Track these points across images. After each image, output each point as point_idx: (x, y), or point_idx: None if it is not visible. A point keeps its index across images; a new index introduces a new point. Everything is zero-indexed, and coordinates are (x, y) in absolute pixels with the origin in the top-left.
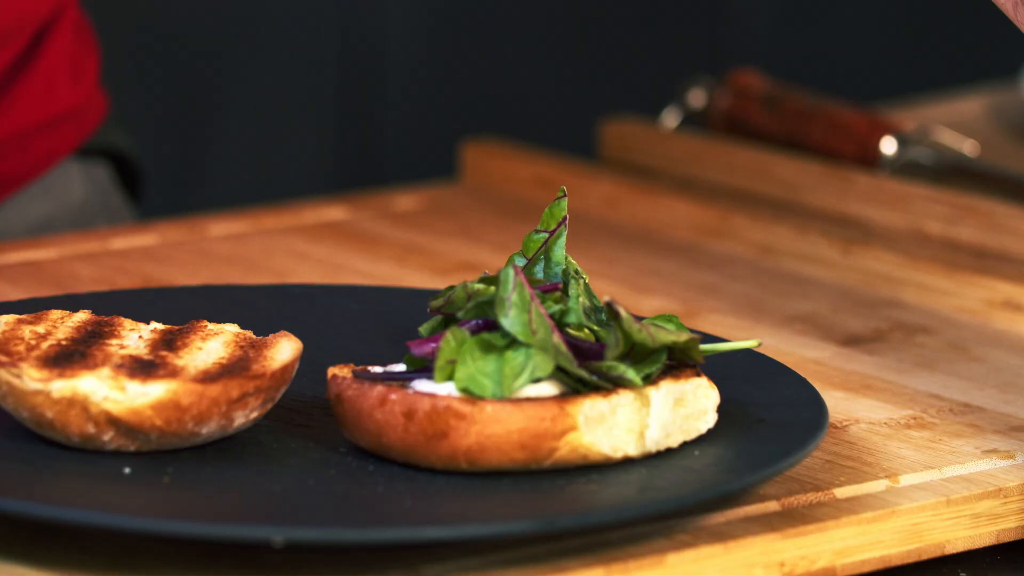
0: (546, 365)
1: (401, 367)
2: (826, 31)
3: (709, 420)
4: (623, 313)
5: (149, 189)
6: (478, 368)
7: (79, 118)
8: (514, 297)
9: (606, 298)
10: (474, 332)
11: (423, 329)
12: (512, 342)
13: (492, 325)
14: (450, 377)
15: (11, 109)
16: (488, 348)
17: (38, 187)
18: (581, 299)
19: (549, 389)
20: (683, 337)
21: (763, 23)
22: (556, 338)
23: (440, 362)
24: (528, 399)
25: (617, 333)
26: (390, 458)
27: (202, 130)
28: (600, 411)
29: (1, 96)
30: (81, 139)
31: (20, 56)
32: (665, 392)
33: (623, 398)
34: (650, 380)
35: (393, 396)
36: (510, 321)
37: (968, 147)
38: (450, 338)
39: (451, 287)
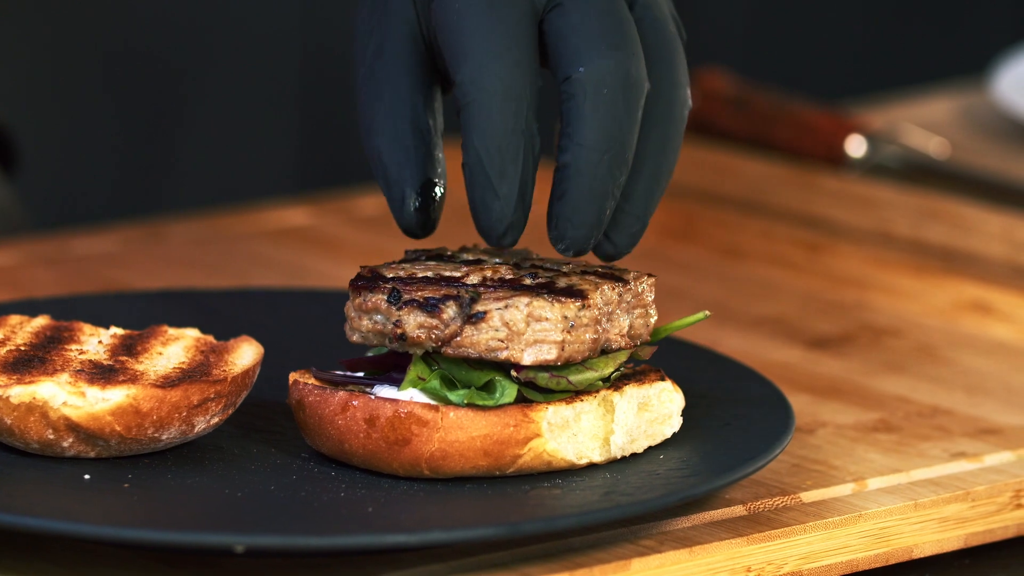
0: (511, 391)
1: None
2: (794, 28)
3: (674, 424)
4: (541, 382)
5: (26, 161)
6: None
7: None
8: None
9: (515, 374)
10: None
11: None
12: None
13: None
14: (414, 380)
15: None
16: (452, 385)
17: None
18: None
19: None
20: (609, 368)
21: (731, 21)
22: None
23: (411, 375)
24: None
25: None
26: (352, 464)
27: (163, 132)
28: (564, 417)
29: None
30: None
31: None
32: (629, 397)
33: (587, 404)
34: (609, 382)
35: (355, 402)
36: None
37: (936, 146)
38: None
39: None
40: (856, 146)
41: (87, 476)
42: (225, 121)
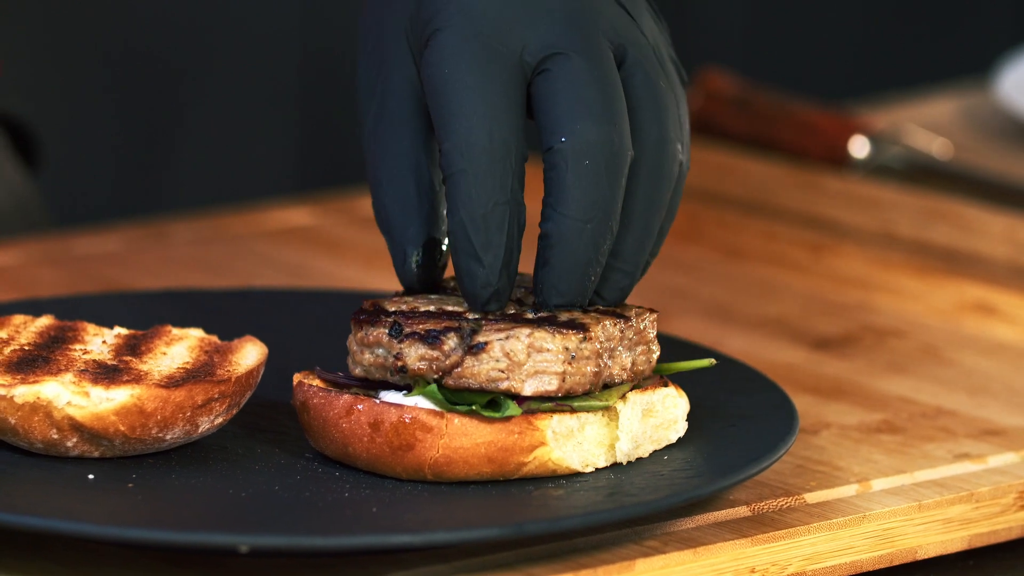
0: (516, 407)
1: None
2: (797, 29)
3: (679, 429)
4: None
5: (47, 157)
6: None
7: None
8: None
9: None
10: None
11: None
12: None
13: None
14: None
15: None
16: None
17: None
18: None
19: None
20: (612, 399)
21: (733, 21)
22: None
23: (421, 387)
24: None
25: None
26: (356, 467)
27: (165, 133)
28: (568, 427)
29: None
30: None
31: None
32: (632, 404)
33: (591, 414)
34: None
35: (360, 406)
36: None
37: (939, 147)
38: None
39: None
40: (859, 147)
41: (91, 476)
42: (226, 121)
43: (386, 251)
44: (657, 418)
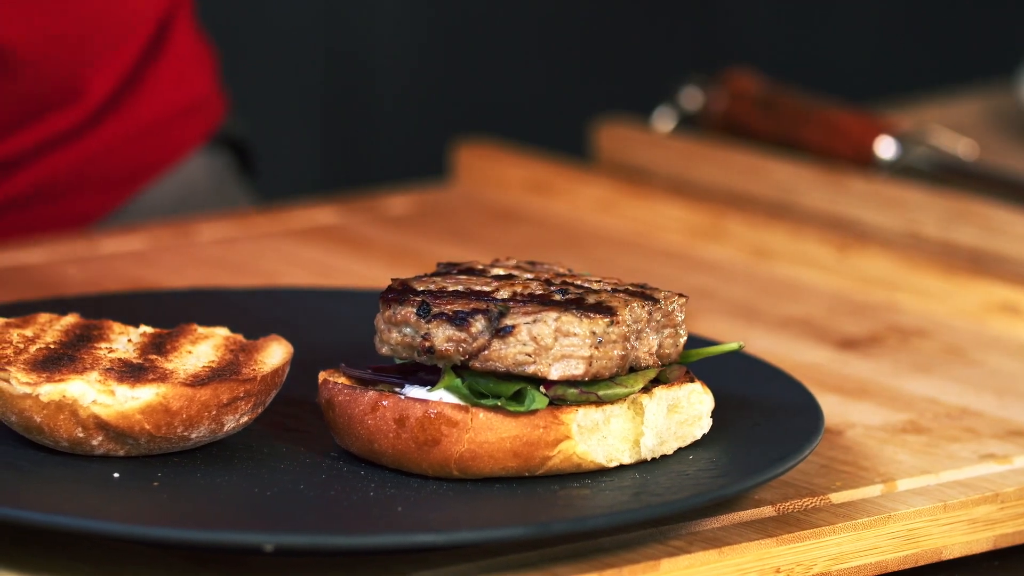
0: (542, 400)
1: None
2: (823, 29)
3: (704, 425)
4: (571, 398)
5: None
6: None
7: (207, 107)
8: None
9: (544, 391)
10: None
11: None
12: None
13: None
14: (446, 385)
15: (149, 95)
16: (482, 397)
17: (167, 177)
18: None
19: None
20: (638, 384)
21: (758, 21)
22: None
23: (447, 372)
24: None
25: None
26: (381, 464)
27: None
28: (594, 420)
29: (138, 83)
30: (209, 128)
31: (150, 43)
32: (658, 399)
33: (617, 407)
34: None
35: (385, 402)
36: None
37: (964, 148)
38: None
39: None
40: (885, 147)
41: (116, 474)
42: (252, 120)
43: (409, 250)
44: (682, 414)
